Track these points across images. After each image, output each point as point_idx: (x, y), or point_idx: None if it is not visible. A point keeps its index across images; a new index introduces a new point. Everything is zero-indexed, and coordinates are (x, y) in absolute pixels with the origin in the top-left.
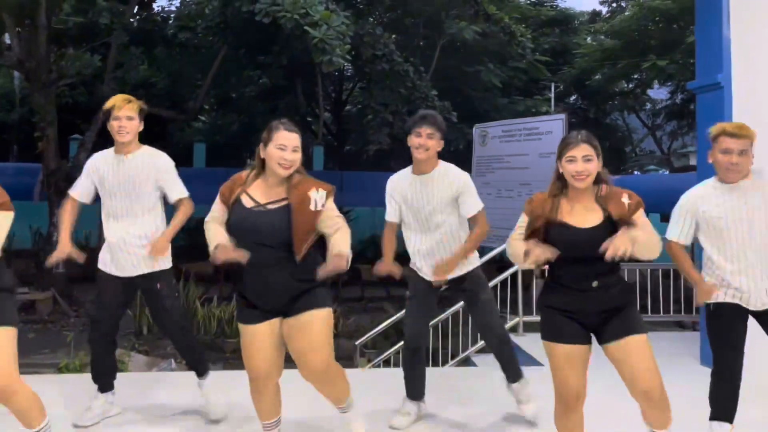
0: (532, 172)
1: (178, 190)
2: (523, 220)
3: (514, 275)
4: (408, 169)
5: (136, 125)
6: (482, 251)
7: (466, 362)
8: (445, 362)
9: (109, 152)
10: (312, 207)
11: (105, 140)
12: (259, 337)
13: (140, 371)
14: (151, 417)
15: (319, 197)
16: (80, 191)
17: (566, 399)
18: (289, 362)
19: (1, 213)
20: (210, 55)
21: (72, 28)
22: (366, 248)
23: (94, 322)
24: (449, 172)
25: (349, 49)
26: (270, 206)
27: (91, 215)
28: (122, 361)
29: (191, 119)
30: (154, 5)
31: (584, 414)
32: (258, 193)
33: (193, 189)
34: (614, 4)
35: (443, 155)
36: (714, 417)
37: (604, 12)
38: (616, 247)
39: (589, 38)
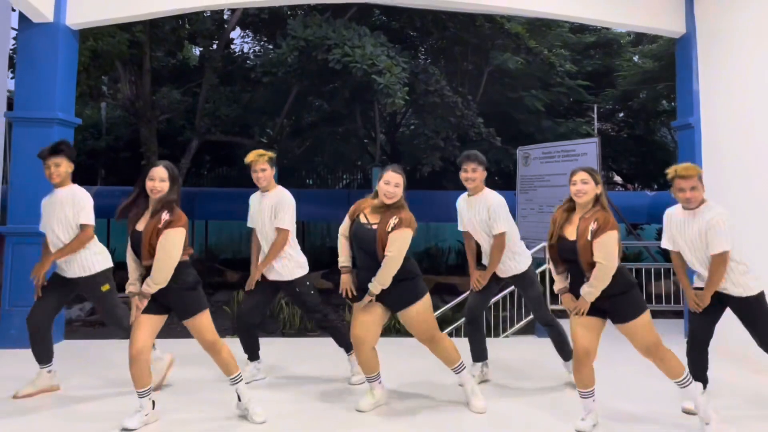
0: (569, 190)
1: (279, 222)
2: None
3: (542, 272)
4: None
5: (269, 173)
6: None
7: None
8: (504, 329)
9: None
10: (387, 229)
11: (196, 166)
12: (361, 313)
13: None
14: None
15: (395, 223)
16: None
17: (578, 356)
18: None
19: (179, 230)
20: (282, 90)
21: (164, 69)
22: (421, 260)
23: (240, 313)
24: (486, 197)
25: (407, 89)
26: (374, 225)
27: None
28: None
29: (270, 146)
30: (232, 46)
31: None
32: (371, 214)
33: None
34: None
35: (495, 174)
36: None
37: None
38: (577, 310)
39: (636, 57)
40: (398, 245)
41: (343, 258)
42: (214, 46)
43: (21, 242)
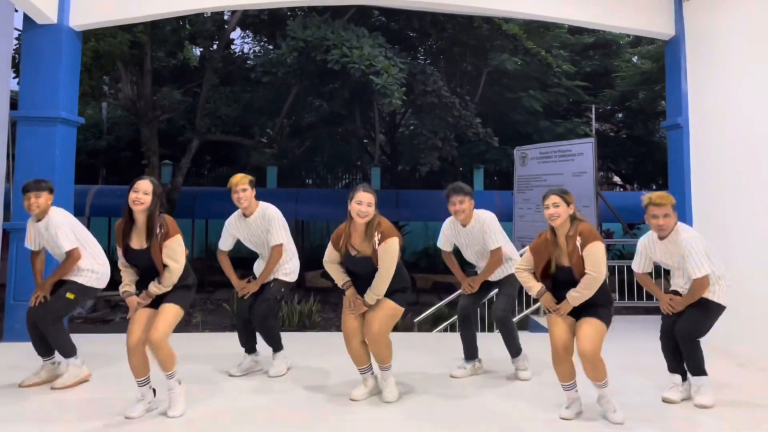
0: (566, 187)
1: (275, 239)
2: (528, 258)
3: None
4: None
5: (250, 194)
6: None
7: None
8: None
9: (237, 214)
10: (375, 246)
11: (197, 166)
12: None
13: None
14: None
15: (379, 239)
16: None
17: (558, 353)
18: None
19: (177, 237)
20: (282, 90)
21: (165, 69)
22: (419, 259)
23: (240, 311)
24: (479, 219)
25: (405, 90)
26: (366, 254)
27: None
28: None
29: (270, 146)
30: (232, 47)
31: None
32: (359, 244)
33: None
34: None
35: (492, 174)
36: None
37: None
38: (558, 310)
39: (634, 58)
40: (389, 257)
41: (341, 278)
42: (215, 47)
43: (24, 238)
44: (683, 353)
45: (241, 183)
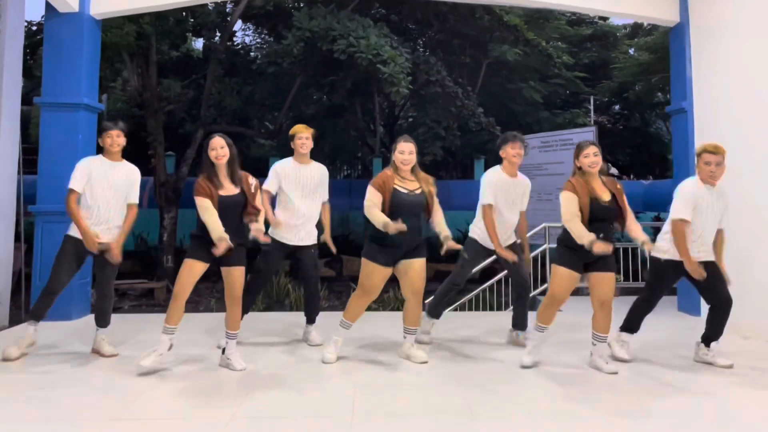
0: (567, 178)
1: (326, 195)
2: (571, 200)
3: (543, 252)
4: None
5: (311, 144)
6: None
7: None
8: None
9: (292, 162)
10: (433, 191)
11: (197, 157)
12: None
13: None
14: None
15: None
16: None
17: (559, 300)
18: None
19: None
20: (284, 82)
21: (168, 61)
22: None
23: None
24: (525, 179)
25: (411, 79)
26: (416, 191)
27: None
28: None
29: (274, 137)
30: (233, 38)
31: None
32: (407, 182)
33: None
34: None
35: (493, 163)
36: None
37: (645, 23)
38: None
39: (631, 50)
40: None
41: (383, 218)
42: (217, 39)
43: (50, 221)
44: (724, 320)
45: (306, 131)
